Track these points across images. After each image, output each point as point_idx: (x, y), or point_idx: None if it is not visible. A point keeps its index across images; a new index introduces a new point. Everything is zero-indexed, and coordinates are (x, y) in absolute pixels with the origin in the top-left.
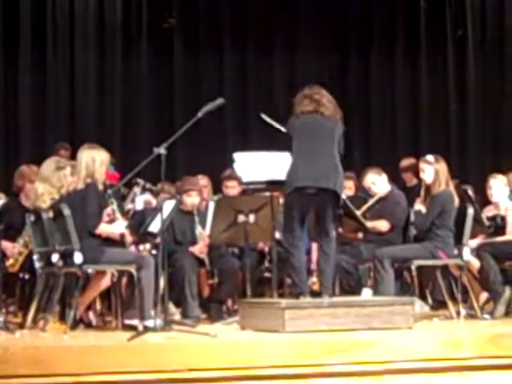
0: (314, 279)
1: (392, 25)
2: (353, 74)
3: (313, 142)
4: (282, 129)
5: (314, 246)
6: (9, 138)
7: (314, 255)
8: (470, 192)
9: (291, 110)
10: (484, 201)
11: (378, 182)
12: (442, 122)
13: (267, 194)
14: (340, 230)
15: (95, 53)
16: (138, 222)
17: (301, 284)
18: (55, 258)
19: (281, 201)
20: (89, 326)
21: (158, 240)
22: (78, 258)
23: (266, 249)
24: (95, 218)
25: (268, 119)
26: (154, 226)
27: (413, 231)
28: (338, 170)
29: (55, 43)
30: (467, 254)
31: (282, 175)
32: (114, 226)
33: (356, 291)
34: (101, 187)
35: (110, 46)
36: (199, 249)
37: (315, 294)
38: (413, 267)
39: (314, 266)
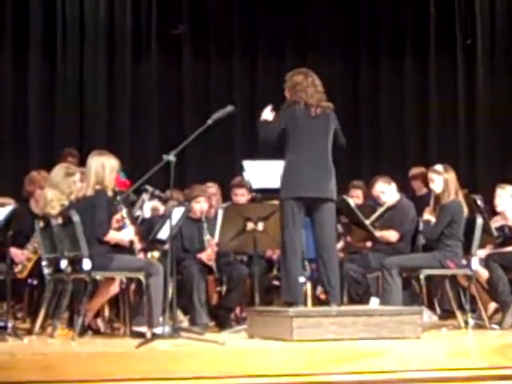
0: (321, 288)
1: (401, 33)
2: (362, 81)
3: (308, 143)
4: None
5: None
6: (18, 144)
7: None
8: (479, 202)
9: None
10: (493, 211)
11: (387, 191)
12: (452, 131)
13: (276, 202)
14: (349, 238)
15: (104, 59)
16: (147, 228)
17: (295, 293)
18: (64, 264)
19: None
20: (97, 332)
21: (167, 247)
22: (86, 264)
23: (275, 257)
24: (104, 225)
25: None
26: (163, 233)
27: (422, 240)
28: (331, 174)
29: (65, 49)
30: (476, 264)
31: None
32: (123, 233)
33: (364, 300)
34: (110, 194)
35: (120, 53)
36: (207, 256)
37: (323, 303)
38: (421, 276)
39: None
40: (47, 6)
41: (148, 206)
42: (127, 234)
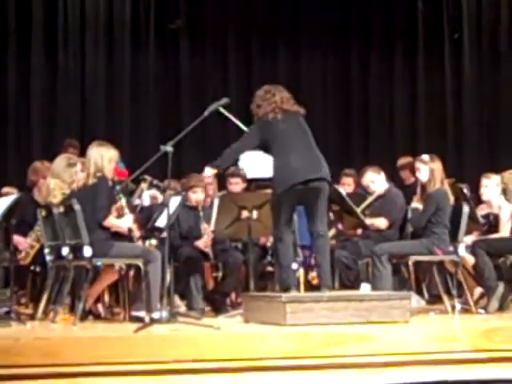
0: (314, 274)
1: (391, 27)
2: (354, 75)
3: (291, 142)
4: (242, 126)
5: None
6: (21, 136)
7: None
8: (466, 190)
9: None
10: (479, 199)
11: (376, 181)
12: (439, 122)
13: (269, 191)
14: (340, 226)
15: (104, 53)
16: (146, 217)
17: (288, 279)
18: (65, 251)
19: None
20: (97, 317)
21: (165, 235)
22: (87, 251)
23: (268, 244)
24: (104, 210)
25: (228, 115)
26: (161, 222)
27: (410, 228)
28: (322, 160)
29: (66, 42)
30: (462, 251)
31: None
32: (122, 221)
33: (355, 286)
34: (109, 183)
35: (119, 46)
36: (204, 243)
37: (315, 288)
38: (410, 263)
39: (314, 261)
40: (50, 3)
41: (147, 195)
42: (126, 222)
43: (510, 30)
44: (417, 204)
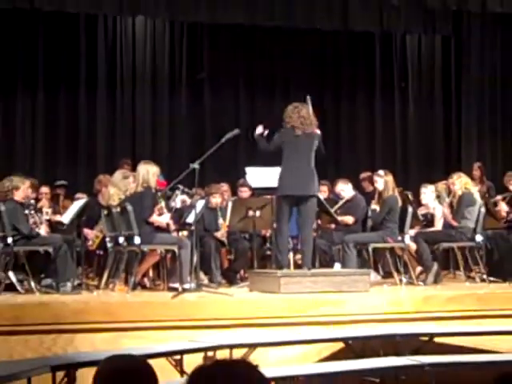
0: (299, 256)
1: (354, 78)
2: (328, 113)
3: (297, 155)
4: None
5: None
6: (89, 156)
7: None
8: (410, 196)
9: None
10: (419, 203)
11: (345, 189)
12: (391, 147)
13: (268, 196)
14: (319, 222)
15: (150, 95)
16: (179, 215)
17: (283, 261)
18: (121, 240)
19: None
20: (144, 287)
21: (193, 228)
22: (137, 240)
23: (268, 234)
24: (149, 210)
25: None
26: (190, 218)
27: (370, 223)
28: (314, 177)
29: (122, 86)
30: (407, 240)
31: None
32: (162, 218)
33: (330, 265)
34: (153, 191)
35: (160, 91)
36: (221, 234)
37: (299, 267)
38: (369, 248)
39: (300, 247)
40: (110, 56)
41: (179, 200)
42: (165, 219)
43: (442, 82)
44: (375, 206)
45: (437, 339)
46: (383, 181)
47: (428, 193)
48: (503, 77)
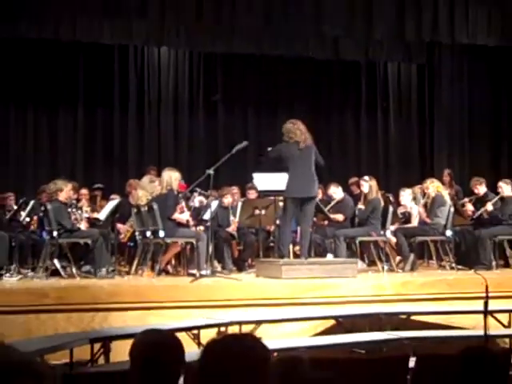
0: (297, 248)
1: (345, 100)
2: (322, 128)
3: (301, 164)
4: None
5: (299, 228)
6: (121, 164)
7: (298, 233)
8: (391, 198)
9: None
10: (398, 203)
11: (336, 192)
12: (375, 158)
13: (272, 198)
14: (315, 219)
15: (172, 113)
16: (197, 213)
17: (284, 251)
18: (148, 233)
19: (280, 203)
20: (167, 273)
21: (208, 224)
22: (161, 234)
23: (271, 229)
24: (171, 209)
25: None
26: (206, 216)
27: (357, 220)
28: (315, 182)
29: (150, 106)
30: (388, 234)
31: (281, 187)
32: (183, 215)
33: (323, 255)
34: (175, 193)
35: (181, 111)
36: (232, 229)
37: (298, 257)
38: (357, 241)
39: (298, 240)
40: (139, 80)
41: (197, 200)
42: (185, 216)
43: (418, 103)
44: (361, 206)
45: (413, 317)
46: (368, 185)
47: (406, 195)
48: (469, 98)
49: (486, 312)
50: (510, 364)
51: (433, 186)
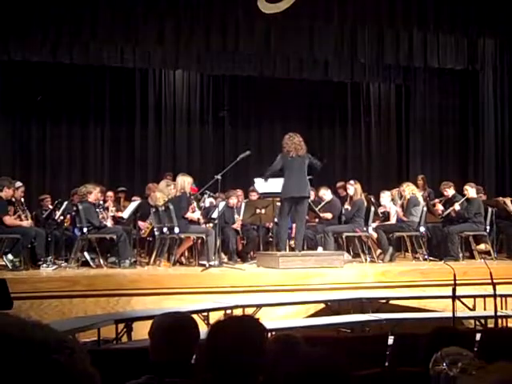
0: (292, 242)
1: (333, 111)
2: (314, 139)
3: (294, 170)
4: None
5: (294, 225)
6: (141, 170)
7: (293, 229)
8: (372, 199)
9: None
10: (379, 204)
11: (326, 194)
12: (358, 164)
13: (270, 199)
14: (307, 217)
15: (185, 128)
16: (206, 212)
17: (282, 245)
18: (165, 230)
19: (277, 203)
20: (181, 264)
21: (216, 221)
22: (176, 230)
23: (270, 226)
24: (185, 209)
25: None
26: (215, 214)
27: (343, 218)
28: (307, 185)
29: (166, 123)
30: (370, 230)
31: (278, 189)
32: (195, 214)
33: (314, 248)
34: (188, 195)
35: (193, 124)
36: (236, 226)
37: (292, 249)
38: (343, 236)
39: (293, 235)
40: (157, 99)
41: (207, 201)
42: (196, 215)
43: (396, 118)
44: (347, 206)
45: (392, 302)
46: (353, 188)
47: (385, 197)
48: (439, 114)
49: (454, 297)
50: (474, 341)
51: (408, 189)
